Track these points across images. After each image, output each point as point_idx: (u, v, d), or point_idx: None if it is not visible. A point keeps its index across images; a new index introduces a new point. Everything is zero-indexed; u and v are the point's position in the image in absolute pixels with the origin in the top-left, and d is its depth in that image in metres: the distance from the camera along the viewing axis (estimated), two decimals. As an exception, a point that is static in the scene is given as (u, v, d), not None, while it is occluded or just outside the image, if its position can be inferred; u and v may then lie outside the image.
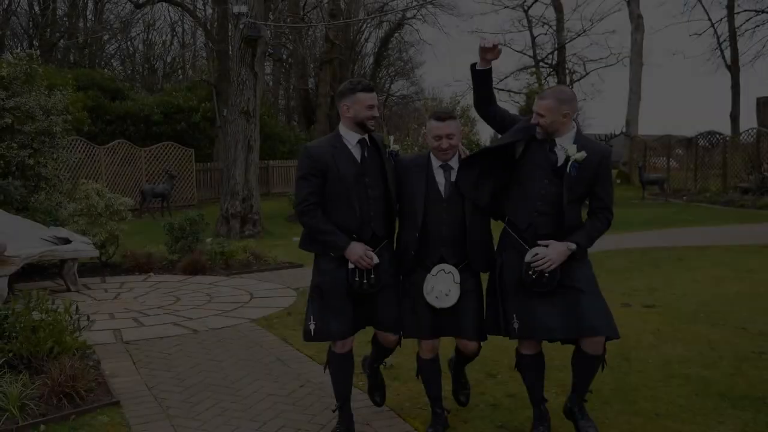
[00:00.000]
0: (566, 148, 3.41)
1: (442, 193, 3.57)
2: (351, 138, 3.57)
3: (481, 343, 3.71)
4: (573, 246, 3.36)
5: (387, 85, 43.19)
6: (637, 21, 27.09)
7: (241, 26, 13.36)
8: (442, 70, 74.03)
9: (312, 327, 3.51)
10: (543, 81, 36.33)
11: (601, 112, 56.56)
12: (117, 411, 4.08)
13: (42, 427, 3.84)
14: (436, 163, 3.60)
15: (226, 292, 7.67)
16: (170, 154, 20.46)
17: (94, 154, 17.97)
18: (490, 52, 3.42)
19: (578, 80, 36.80)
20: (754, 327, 5.64)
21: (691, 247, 10.19)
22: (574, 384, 3.54)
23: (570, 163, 3.37)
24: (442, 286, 3.48)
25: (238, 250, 9.49)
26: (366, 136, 3.59)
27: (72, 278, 7.76)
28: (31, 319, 4.63)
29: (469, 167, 3.56)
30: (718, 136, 23.04)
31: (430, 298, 3.48)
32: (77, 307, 4.95)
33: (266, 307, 6.89)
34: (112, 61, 37.18)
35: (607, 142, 26.75)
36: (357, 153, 3.56)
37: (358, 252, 3.43)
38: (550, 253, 3.34)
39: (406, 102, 43.05)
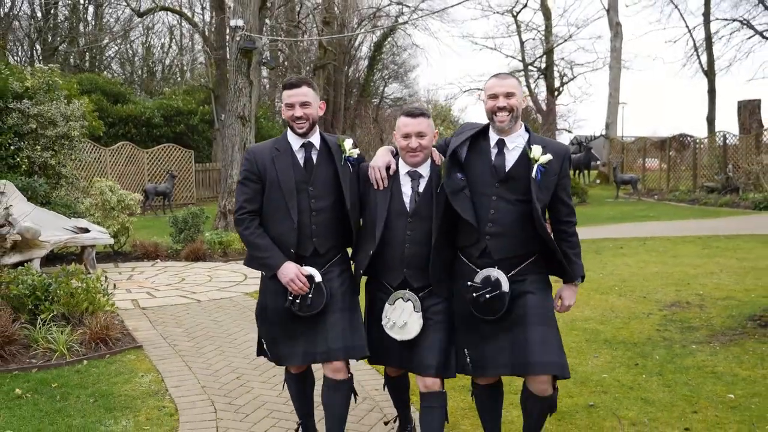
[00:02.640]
0: (530, 149, 3.02)
1: (407, 206, 3.13)
2: (295, 141, 3.24)
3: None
4: (578, 281, 3.18)
5: (381, 88, 44.56)
6: (616, 28, 28.39)
7: (238, 38, 14.59)
8: (434, 73, 75.46)
9: (265, 344, 3.36)
10: (533, 84, 37.68)
11: (590, 114, 58.08)
12: (141, 352, 5.34)
13: (84, 362, 5.09)
14: (403, 168, 3.17)
15: (224, 274, 8.92)
16: (171, 155, 21.70)
17: (100, 155, 19.21)
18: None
19: (567, 83, 38.22)
20: (654, 297, 6.91)
21: (635, 238, 11.48)
22: (524, 427, 3.26)
23: (536, 167, 2.98)
24: (399, 317, 3.12)
25: (235, 240, 10.70)
26: (316, 140, 3.25)
27: (91, 263, 8.99)
28: (71, 285, 5.87)
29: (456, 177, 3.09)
30: (689, 138, 24.35)
31: (390, 332, 3.15)
32: (106, 276, 6.20)
33: (258, 284, 8.12)
34: (112, 64, 38.49)
35: (588, 143, 28.16)
36: (302, 158, 3.23)
37: (289, 274, 3.11)
38: (570, 303, 3.20)
39: (400, 105, 44.26)
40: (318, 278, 3.15)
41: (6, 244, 7.41)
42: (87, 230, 9.05)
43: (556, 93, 36.91)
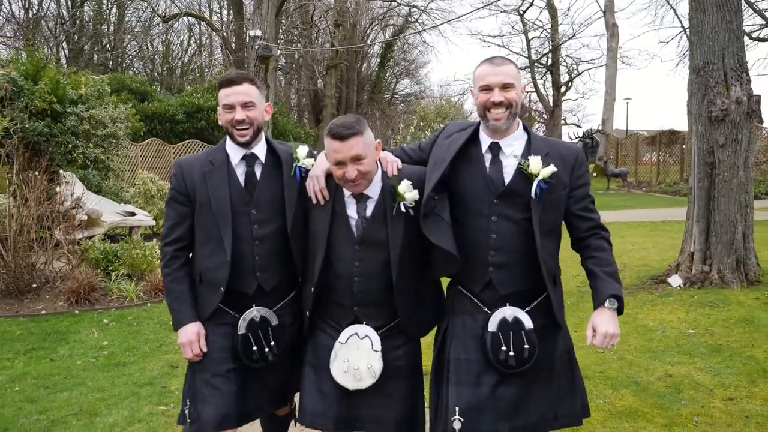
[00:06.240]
0: (526, 161, 2.44)
1: (354, 232, 2.56)
2: (234, 152, 2.69)
3: None
4: (615, 304, 2.47)
5: (393, 85, 46.27)
6: (612, 29, 29.94)
7: (256, 47, 16.50)
8: (445, 69, 77.38)
9: (187, 411, 2.63)
10: (541, 80, 39.07)
11: (597, 109, 59.54)
12: (188, 298, 7.22)
13: (148, 304, 6.98)
14: (347, 190, 2.57)
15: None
16: (195, 150, 23.66)
17: (131, 150, 21.23)
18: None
19: (573, 78, 39.63)
20: (586, 264, 8.67)
21: (599, 223, 13.18)
22: None
23: (536, 184, 2.42)
24: (357, 359, 2.52)
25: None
26: (261, 150, 2.70)
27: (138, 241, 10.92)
28: (134, 252, 7.77)
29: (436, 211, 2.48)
30: (677, 133, 25.91)
31: (342, 379, 2.53)
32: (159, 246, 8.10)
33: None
34: (134, 61, 40.52)
35: (584, 138, 29.75)
36: (242, 173, 2.67)
37: (182, 338, 2.61)
38: (607, 330, 2.42)
39: (410, 101, 45.84)
40: (274, 321, 2.67)
41: (76, 223, 9.32)
42: (134, 214, 10.97)
43: (563, 89, 38.35)
